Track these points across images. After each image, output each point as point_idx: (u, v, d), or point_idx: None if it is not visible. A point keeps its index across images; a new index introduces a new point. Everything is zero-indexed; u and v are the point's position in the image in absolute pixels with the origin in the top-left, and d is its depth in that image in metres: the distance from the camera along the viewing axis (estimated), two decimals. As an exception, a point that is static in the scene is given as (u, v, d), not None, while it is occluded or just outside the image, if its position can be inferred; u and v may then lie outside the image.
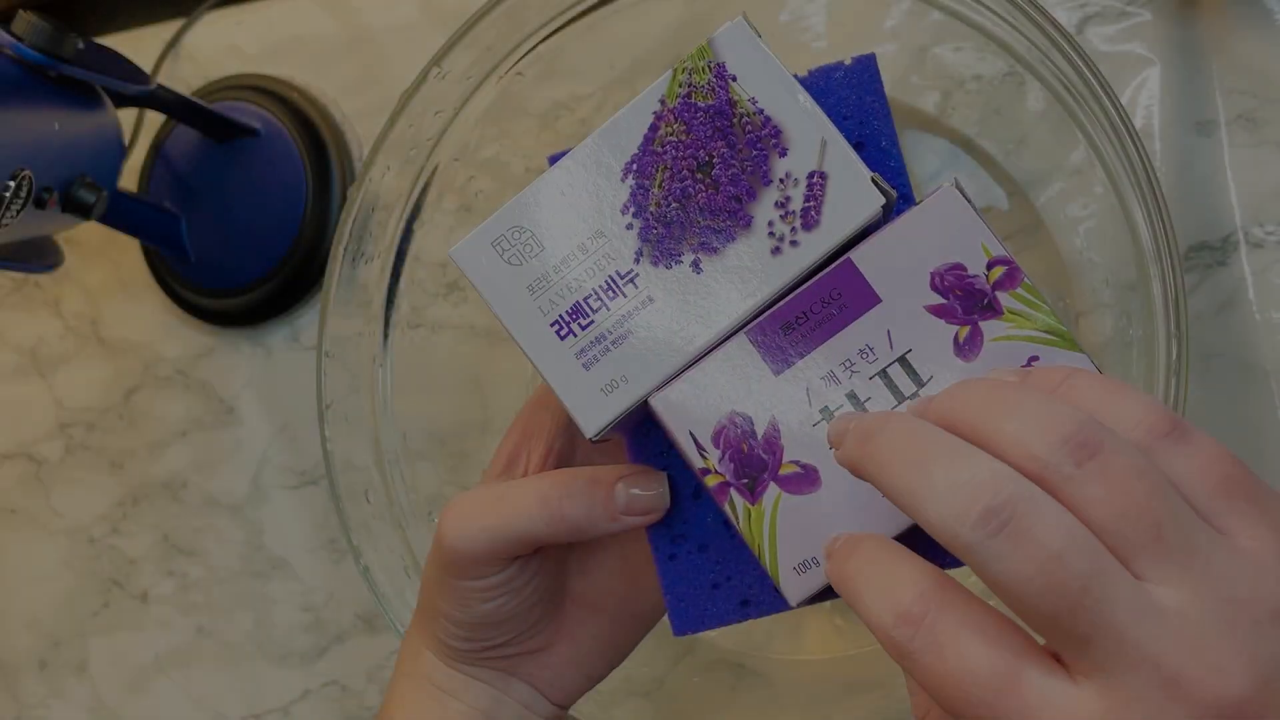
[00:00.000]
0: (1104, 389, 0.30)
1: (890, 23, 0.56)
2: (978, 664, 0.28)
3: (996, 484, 0.28)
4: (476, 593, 0.41)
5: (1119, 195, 0.47)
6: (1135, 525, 0.28)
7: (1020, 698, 0.27)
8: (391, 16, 0.65)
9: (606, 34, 0.55)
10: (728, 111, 0.38)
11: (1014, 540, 0.27)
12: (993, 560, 0.27)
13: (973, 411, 0.30)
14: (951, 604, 0.29)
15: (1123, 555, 0.28)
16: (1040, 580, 0.27)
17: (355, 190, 0.53)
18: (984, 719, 0.28)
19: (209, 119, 0.64)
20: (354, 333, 0.55)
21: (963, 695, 0.28)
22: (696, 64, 0.39)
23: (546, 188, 0.39)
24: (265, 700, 0.67)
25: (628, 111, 0.39)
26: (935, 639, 0.28)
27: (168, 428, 0.69)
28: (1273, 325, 0.53)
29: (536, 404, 0.45)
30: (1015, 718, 0.27)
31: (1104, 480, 0.28)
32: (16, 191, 0.51)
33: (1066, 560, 0.27)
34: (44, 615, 0.71)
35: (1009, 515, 0.27)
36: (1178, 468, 0.29)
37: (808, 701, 0.57)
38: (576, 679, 0.44)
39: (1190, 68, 0.54)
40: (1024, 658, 0.28)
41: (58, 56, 0.53)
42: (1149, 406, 0.30)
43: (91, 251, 0.71)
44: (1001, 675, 0.28)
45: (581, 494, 0.40)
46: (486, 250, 0.39)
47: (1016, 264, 0.36)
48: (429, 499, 0.56)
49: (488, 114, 0.56)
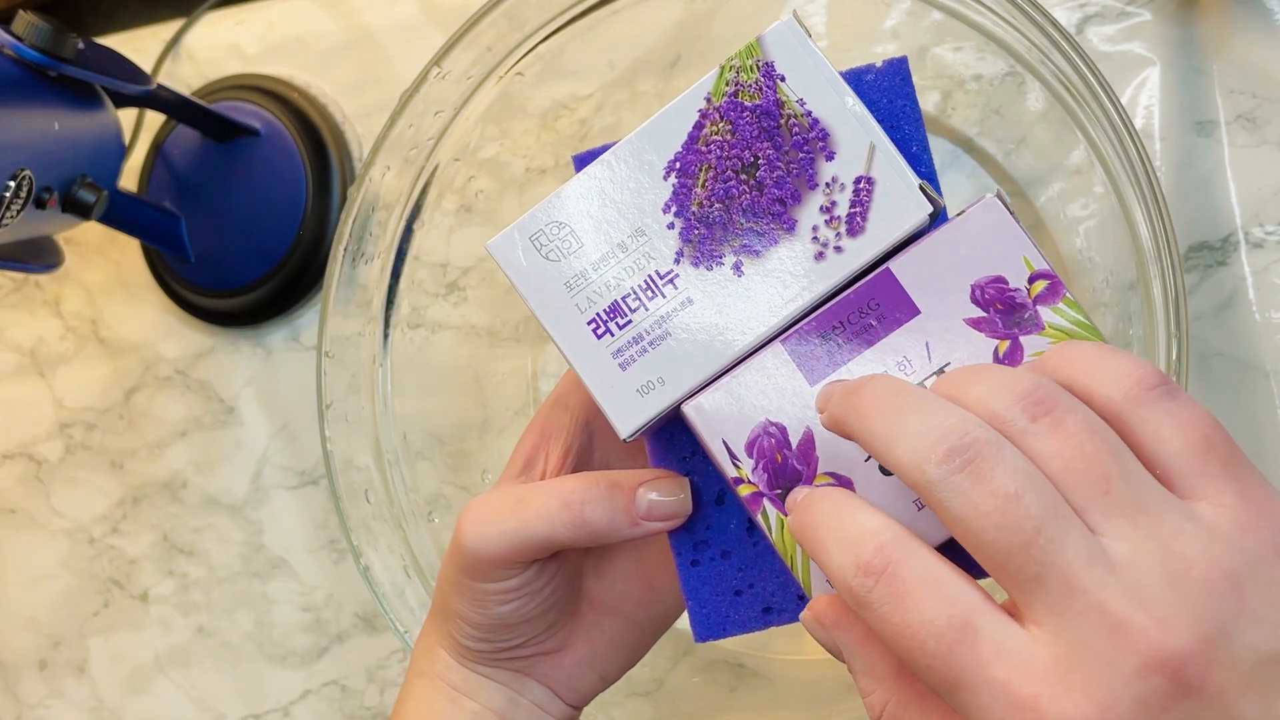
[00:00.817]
0: (1099, 350, 0.31)
1: (890, 23, 0.56)
2: (934, 615, 0.29)
3: (964, 427, 0.29)
4: (494, 595, 0.41)
5: (1119, 195, 0.47)
6: (1083, 478, 0.29)
7: (974, 647, 0.28)
8: (391, 16, 0.65)
9: (606, 34, 0.55)
10: (775, 112, 0.38)
11: (974, 477, 0.28)
12: (953, 496, 0.29)
13: (948, 382, 0.31)
14: (911, 556, 0.29)
15: (1075, 507, 0.29)
16: (996, 517, 0.28)
17: (355, 190, 0.53)
18: (938, 669, 0.28)
19: (209, 119, 0.64)
20: (354, 333, 0.55)
21: (918, 645, 0.29)
22: (744, 62, 0.38)
23: (587, 183, 0.38)
24: (265, 700, 0.67)
25: (672, 108, 0.38)
26: (894, 590, 0.29)
27: (168, 428, 0.69)
28: (1273, 325, 0.53)
29: (555, 403, 0.44)
30: (969, 666, 0.28)
31: (1055, 434, 0.29)
32: (16, 191, 0.51)
33: (1023, 500, 0.28)
34: (44, 615, 0.71)
35: (972, 455, 0.29)
36: (1161, 423, 0.30)
37: (808, 701, 0.57)
38: (590, 680, 0.44)
39: (1190, 68, 0.54)
40: (979, 610, 0.29)
41: (58, 56, 0.53)
42: (1141, 364, 0.31)
43: (91, 251, 0.71)
44: (957, 626, 0.28)
45: (603, 499, 0.39)
46: (524, 245, 0.38)
47: (1059, 278, 0.36)
48: (429, 499, 0.56)
49: (488, 114, 0.55)
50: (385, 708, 0.65)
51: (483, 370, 0.61)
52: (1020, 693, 0.28)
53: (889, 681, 0.33)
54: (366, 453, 0.55)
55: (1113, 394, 0.30)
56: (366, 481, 0.54)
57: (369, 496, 0.54)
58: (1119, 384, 0.30)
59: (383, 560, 0.53)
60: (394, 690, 0.65)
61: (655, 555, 0.44)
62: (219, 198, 0.66)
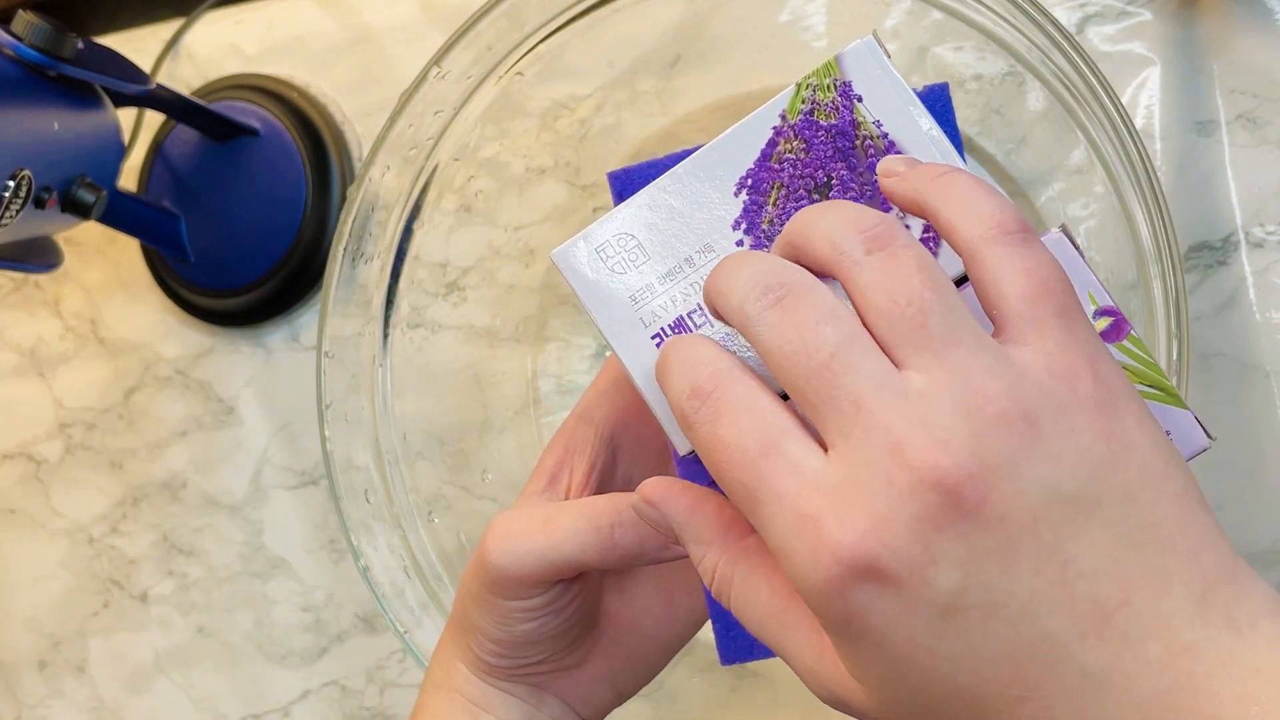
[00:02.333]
0: (974, 186, 0.32)
1: (890, 23, 0.56)
2: (746, 433, 0.30)
3: (782, 271, 0.31)
4: (518, 613, 0.40)
5: (1119, 195, 0.47)
6: (905, 310, 0.30)
7: (774, 464, 0.30)
8: (391, 16, 0.65)
9: (606, 34, 0.55)
10: (850, 133, 0.37)
11: (782, 310, 0.30)
12: (764, 329, 0.31)
13: (801, 219, 0.33)
14: (738, 383, 0.31)
15: (888, 341, 0.30)
16: (797, 345, 0.30)
17: (355, 190, 0.53)
18: (742, 483, 0.30)
19: (209, 119, 0.64)
20: (354, 333, 0.55)
21: (726, 458, 0.30)
22: (821, 81, 0.37)
23: (656, 195, 0.37)
24: (265, 700, 0.67)
25: (746, 124, 0.38)
26: (716, 409, 0.31)
27: (167, 428, 0.69)
28: (1273, 325, 0.53)
29: (580, 418, 0.44)
30: (767, 481, 0.30)
31: (885, 267, 0.30)
32: (16, 191, 0.51)
33: (821, 328, 0.30)
34: (44, 615, 0.71)
35: (784, 292, 0.31)
36: (1006, 265, 0.30)
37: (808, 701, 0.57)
38: (607, 696, 0.44)
39: (1191, 67, 0.54)
40: (788, 433, 0.30)
41: (58, 56, 0.53)
42: (1008, 208, 0.31)
43: (91, 251, 0.71)
44: (763, 444, 0.30)
45: (634, 523, 0.39)
46: (590, 255, 0.37)
47: (1124, 316, 0.35)
48: (429, 499, 0.56)
49: (488, 114, 0.55)
50: (385, 708, 0.65)
51: (483, 370, 0.61)
52: (804, 507, 0.29)
53: (717, 543, 0.34)
54: (366, 453, 0.55)
55: (972, 231, 0.31)
56: (366, 481, 0.54)
57: (369, 496, 0.54)
58: (981, 223, 0.31)
59: (382, 560, 0.53)
60: (394, 691, 0.65)
61: (676, 572, 0.44)
62: (219, 198, 0.66)
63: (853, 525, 0.28)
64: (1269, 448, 0.53)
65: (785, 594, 0.33)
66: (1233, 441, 0.53)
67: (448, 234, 0.59)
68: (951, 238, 0.32)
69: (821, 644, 0.32)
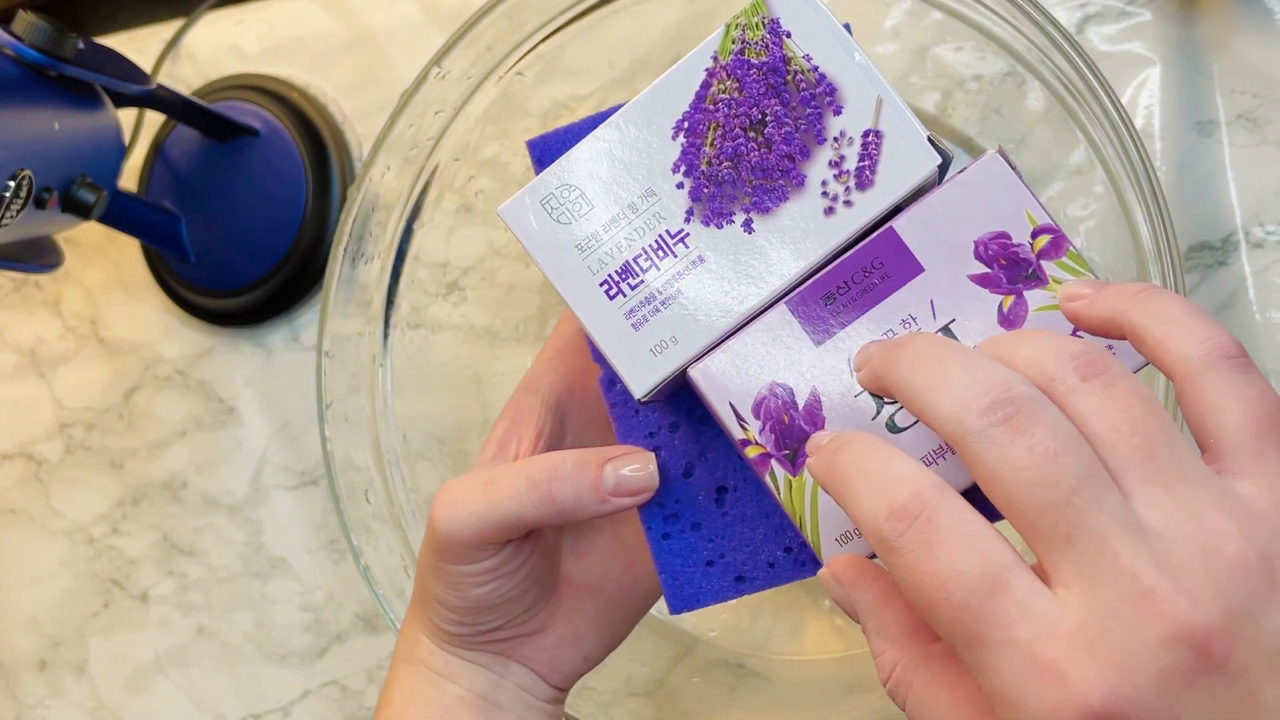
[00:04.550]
0: (1186, 306, 0.31)
1: (890, 23, 0.56)
2: (967, 566, 0.28)
3: (1009, 383, 0.29)
4: (469, 577, 0.41)
5: (1119, 195, 0.47)
6: (1128, 441, 0.28)
7: (1002, 603, 0.28)
8: (391, 16, 0.65)
9: (606, 34, 0.55)
10: (781, 69, 0.38)
11: (1014, 431, 0.28)
12: (991, 448, 0.28)
13: (996, 342, 0.31)
14: (948, 506, 0.29)
15: (1113, 470, 0.28)
16: (1033, 472, 0.28)
17: (355, 190, 0.53)
18: (963, 622, 0.28)
19: (209, 119, 0.64)
20: (354, 333, 0.55)
21: (945, 595, 0.28)
22: (749, 20, 0.38)
23: (596, 145, 0.38)
24: (265, 700, 0.67)
25: (679, 69, 0.38)
26: (928, 537, 0.29)
27: (167, 428, 0.69)
28: (1273, 325, 0.53)
29: (525, 388, 0.45)
30: (995, 623, 0.28)
31: (1104, 395, 0.29)
32: (16, 191, 0.51)
33: (1061, 459, 0.28)
34: (44, 615, 0.71)
35: (1015, 410, 0.28)
36: (1227, 393, 0.29)
37: (808, 701, 0.57)
38: (574, 661, 0.44)
39: (1191, 67, 0.54)
40: (1011, 567, 0.28)
41: (58, 56, 0.53)
42: (1222, 331, 0.30)
43: (91, 251, 0.71)
44: (988, 579, 0.28)
45: (570, 476, 0.40)
46: (535, 208, 0.38)
47: (1062, 232, 0.36)
48: (429, 499, 0.56)
49: (488, 114, 0.56)
50: (385, 708, 0.65)
51: (483, 370, 0.61)
52: (1043, 655, 0.27)
53: (902, 642, 0.33)
54: (366, 453, 0.55)
55: (1190, 352, 0.30)
56: (366, 481, 0.54)
57: (369, 496, 0.54)
58: (1199, 345, 0.30)
59: (382, 560, 0.53)
60: (394, 690, 0.65)
61: (633, 535, 0.45)
62: (219, 198, 0.66)
63: (1100, 677, 0.27)
64: (1269, 448, 0.53)
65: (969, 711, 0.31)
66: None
67: (448, 234, 0.59)
68: (1161, 356, 0.30)
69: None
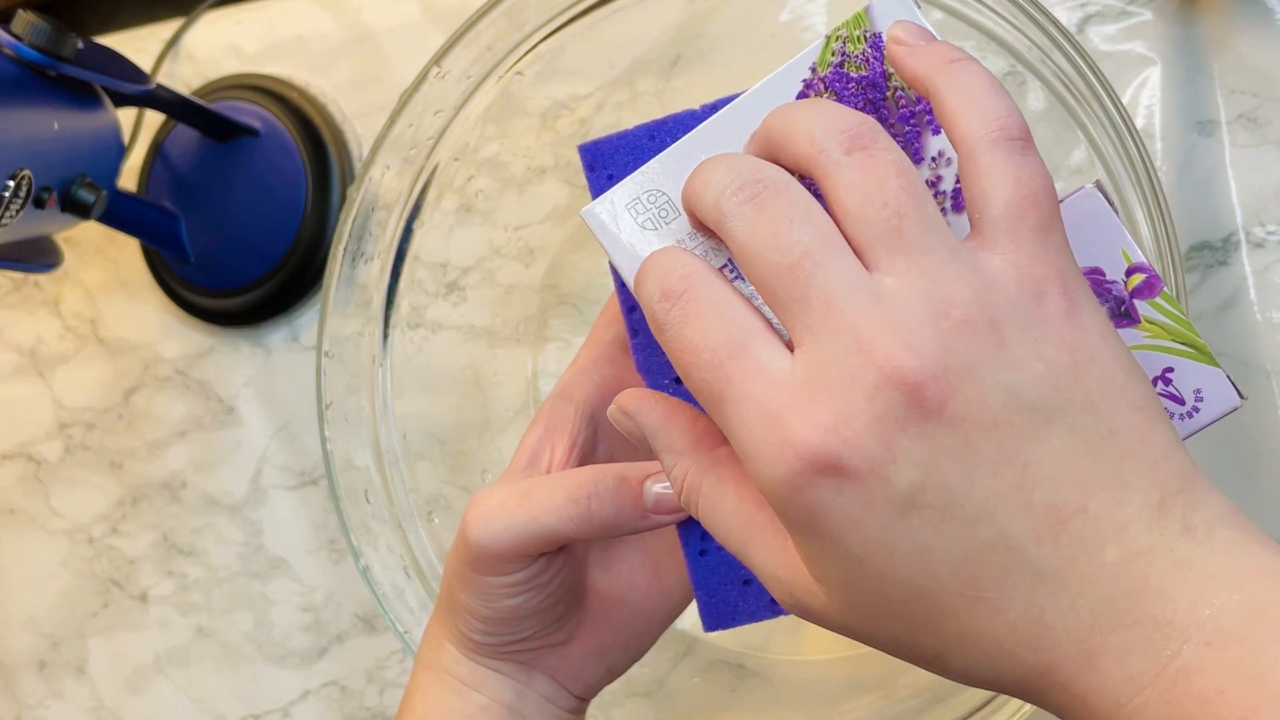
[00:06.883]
0: (987, 81, 0.32)
1: (890, 22, 0.55)
2: (714, 334, 0.31)
3: (758, 168, 0.31)
4: (500, 588, 0.41)
5: (1120, 195, 0.47)
6: (879, 212, 0.30)
7: (741, 364, 0.30)
8: (391, 16, 0.65)
9: (606, 34, 0.55)
10: (881, 84, 0.37)
11: (757, 207, 0.31)
12: (738, 224, 0.31)
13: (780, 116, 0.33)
14: (708, 286, 0.31)
15: (861, 244, 0.30)
16: (769, 240, 0.30)
17: (355, 190, 0.53)
18: (709, 383, 0.30)
19: (209, 119, 0.64)
20: (354, 333, 0.55)
21: (694, 360, 0.31)
22: (851, 32, 0.37)
23: (687, 151, 0.37)
24: (265, 701, 0.67)
25: (776, 78, 0.37)
26: (685, 310, 0.31)
27: (167, 428, 0.69)
28: (1273, 325, 0.53)
29: (559, 396, 0.44)
30: (734, 381, 0.30)
31: (863, 168, 0.30)
32: (16, 191, 0.51)
33: (795, 226, 0.30)
34: (43, 615, 0.71)
35: (760, 189, 0.31)
36: (999, 171, 0.30)
37: (808, 701, 0.57)
38: (598, 672, 0.44)
39: (1191, 67, 0.54)
40: (756, 334, 0.31)
41: (58, 56, 0.53)
42: (1014, 113, 0.31)
43: (91, 251, 0.71)
44: (731, 345, 0.30)
45: (610, 493, 0.39)
46: (620, 212, 0.37)
47: (1156, 273, 0.35)
48: (429, 499, 0.56)
49: (488, 114, 0.55)
50: (385, 708, 0.65)
51: (483, 370, 0.61)
52: (771, 405, 0.29)
53: (689, 452, 0.35)
54: (366, 453, 0.55)
55: (974, 128, 0.31)
56: (366, 481, 0.54)
57: (369, 496, 0.54)
58: (986, 122, 0.31)
59: (382, 560, 0.53)
60: (394, 691, 0.65)
61: (661, 546, 0.44)
62: (218, 198, 0.66)
63: (816, 422, 0.29)
64: (1269, 448, 0.53)
65: (753, 502, 0.33)
66: (1233, 441, 0.53)
67: (448, 234, 0.59)
68: (951, 127, 0.31)
69: (785, 550, 0.32)
